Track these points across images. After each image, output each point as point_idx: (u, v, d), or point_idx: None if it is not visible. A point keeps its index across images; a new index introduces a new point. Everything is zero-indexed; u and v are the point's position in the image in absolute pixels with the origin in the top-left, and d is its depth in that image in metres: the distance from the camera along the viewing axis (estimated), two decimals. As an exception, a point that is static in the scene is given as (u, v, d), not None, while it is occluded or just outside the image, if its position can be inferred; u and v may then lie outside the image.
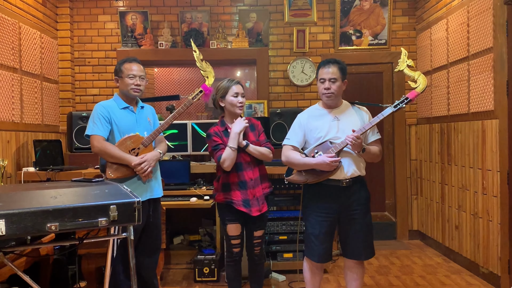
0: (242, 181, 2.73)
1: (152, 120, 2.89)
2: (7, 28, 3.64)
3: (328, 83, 2.61)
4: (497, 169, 3.37)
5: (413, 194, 4.95)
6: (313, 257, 2.69)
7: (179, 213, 4.38)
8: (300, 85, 4.85)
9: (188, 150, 4.27)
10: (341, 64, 2.67)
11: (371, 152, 2.63)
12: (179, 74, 5.78)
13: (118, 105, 2.76)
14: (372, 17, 4.86)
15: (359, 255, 2.67)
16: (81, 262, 3.09)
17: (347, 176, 2.60)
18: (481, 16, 3.55)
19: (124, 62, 2.78)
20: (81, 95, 4.82)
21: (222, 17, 4.87)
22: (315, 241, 2.66)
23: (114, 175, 2.64)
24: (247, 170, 2.75)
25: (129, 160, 2.63)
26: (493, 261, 3.45)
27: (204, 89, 2.85)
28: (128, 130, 2.71)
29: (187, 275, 3.88)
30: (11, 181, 3.66)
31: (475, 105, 3.66)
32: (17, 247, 1.82)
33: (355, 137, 2.49)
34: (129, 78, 2.72)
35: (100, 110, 2.69)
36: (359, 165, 2.64)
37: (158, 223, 2.90)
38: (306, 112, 2.79)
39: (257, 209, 2.73)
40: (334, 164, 2.54)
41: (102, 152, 2.63)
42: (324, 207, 2.64)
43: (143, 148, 2.71)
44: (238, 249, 2.84)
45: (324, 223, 2.65)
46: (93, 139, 2.65)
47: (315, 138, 2.65)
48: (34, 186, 2.37)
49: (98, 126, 2.66)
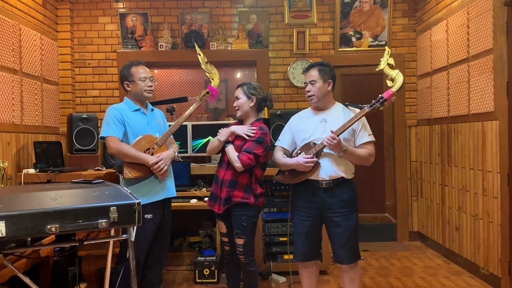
0: (216, 176, 2.87)
1: (162, 123, 2.95)
2: (7, 29, 3.64)
3: (309, 86, 2.69)
4: (497, 171, 3.37)
5: (413, 195, 4.95)
6: (296, 256, 2.76)
7: (179, 214, 4.36)
8: (300, 86, 4.85)
9: (188, 151, 4.27)
10: (323, 66, 2.71)
11: (355, 154, 2.60)
12: (180, 76, 5.78)
13: (130, 108, 2.80)
14: (372, 19, 4.86)
15: (341, 259, 2.66)
16: (81, 263, 3.09)
17: (326, 178, 2.60)
18: (481, 17, 3.55)
19: (131, 66, 2.81)
20: (81, 97, 4.82)
21: (222, 18, 4.87)
22: (298, 240, 2.73)
23: (131, 174, 2.67)
24: (222, 168, 2.83)
25: (146, 159, 2.67)
26: (493, 262, 3.45)
27: (211, 91, 2.92)
28: (141, 132, 2.76)
29: (187, 276, 3.88)
30: (11, 183, 3.66)
31: (475, 106, 3.66)
32: (17, 248, 1.82)
33: (331, 137, 2.49)
34: (141, 81, 2.78)
35: (113, 113, 2.72)
36: (341, 167, 2.62)
37: (170, 223, 2.95)
38: (297, 114, 2.86)
39: (217, 207, 2.81)
40: (308, 165, 2.56)
41: (119, 152, 2.66)
42: (306, 207, 2.68)
43: (157, 148, 2.76)
44: (228, 248, 2.91)
45: (305, 223, 2.68)
46: (109, 141, 2.68)
47: (301, 139, 2.70)
48: (34, 187, 2.37)
49: (112, 128, 2.68)
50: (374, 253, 4.47)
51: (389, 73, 2.62)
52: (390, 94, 2.53)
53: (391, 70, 2.63)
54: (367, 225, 4.90)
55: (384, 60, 2.66)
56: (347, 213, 2.62)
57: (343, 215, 2.61)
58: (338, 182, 2.62)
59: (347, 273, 2.71)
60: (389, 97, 2.53)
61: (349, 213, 2.63)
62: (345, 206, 2.62)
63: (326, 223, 2.70)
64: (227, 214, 2.81)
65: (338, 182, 2.62)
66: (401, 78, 2.58)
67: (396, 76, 2.59)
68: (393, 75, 2.60)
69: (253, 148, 2.71)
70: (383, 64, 2.66)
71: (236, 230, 2.78)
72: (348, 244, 2.63)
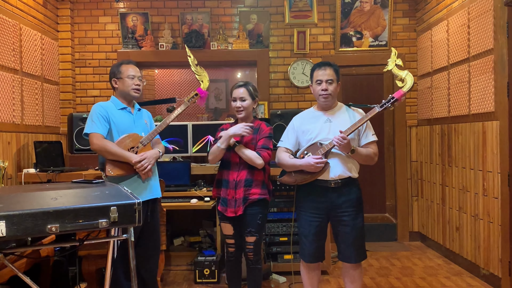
0: (225, 179, 2.81)
1: (148, 123, 2.91)
2: (8, 29, 3.65)
3: (326, 84, 2.65)
4: (498, 171, 3.37)
5: (414, 195, 4.95)
6: (304, 257, 2.75)
7: (180, 214, 4.38)
8: (301, 86, 4.85)
9: (188, 151, 4.27)
10: (336, 66, 2.72)
11: (361, 154, 2.62)
12: (180, 76, 5.78)
13: (116, 106, 2.78)
14: (373, 19, 4.86)
15: (349, 258, 2.67)
16: (81, 263, 3.09)
17: (335, 177, 2.61)
18: (482, 17, 3.55)
19: (120, 64, 2.80)
20: (81, 97, 4.82)
21: (222, 18, 4.87)
22: (305, 241, 2.71)
23: (113, 172, 2.64)
24: (233, 170, 2.79)
25: (129, 158, 2.63)
26: (493, 262, 3.45)
27: (200, 93, 2.90)
28: (125, 130, 2.72)
29: (188, 276, 3.88)
30: (11, 183, 3.66)
31: (476, 106, 3.66)
32: (18, 248, 1.82)
33: (341, 137, 2.50)
34: (129, 79, 2.75)
35: (98, 110, 2.71)
36: (349, 166, 2.63)
37: (157, 224, 2.90)
38: (300, 114, 2.85)
39: (232, 211, 2.76)
40: (319, 166, 2.56)
41: (102, 149, 2.63)
42: (314, 207, 2.67)
43: (142, 147, 2.72)
44: (233, 249, 2.89)
45: (313, 223, 2.67)
46: (92, 137, 2.65)
47: (307, 140, 2.69)
48: (35, 187, 2.37)
49: (97, 125, 2.66)
50: (374, 253, 4.47)
51: (399, 74, 2.64)
52: (402, 94, 2.57)
53: (400, 70, 2.65)
54: (368, 225, 4.86)
55: (392, 61, 2.68)
56: (355, 212, 2.64)
57: (351, 214, 2.63)
58: (346, 182, 2.63)
59: (350, 273, 2.71)
60: (400, 97, 2.57)
61: (356, 212, 2.64)
62: (353, 205, 2.63)
63: (333, 223, 2.69)
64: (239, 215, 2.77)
65: (346, 181, 2.63)
66: (411, 78, 2.60)
67: (406, 76, 2.61)
68: (402, 76, 2.62)
69: (268, 144, 2.76)
70: (391, 65, 2.68)
71: (249, 229, 2.77)
72: (356, 243, 2.64)
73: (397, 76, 2.65)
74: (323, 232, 2.74)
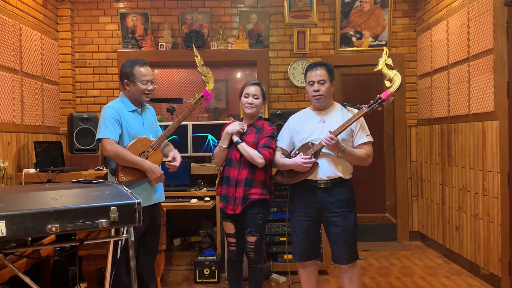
0: (227, 176, 2.83)
1: (154, 122, 2.90)
2: (7, 29, 3.65)
3: (317, 85, 2.65)
4: (498, 170, 3.37)
5: (414, 195, 4.95)
6: (295, 256, 2.76)
7: (180, 214, 4.38)
8: (301, 86, 4.85)
9: (188, 151, 4.27)
10: (329, 66, 2.71)
11: (353, 155, 2.60)
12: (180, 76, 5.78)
13: (127, 108, 2.70)
14: (373, 19, 4.86)
15: (340, 259, 2.67)
16: (81, 263, 3.09)
17: (324, 178, 2.60)
18: (481, 17, 3.55)
19: (134, 65, 2.69)
20: (81, 97, 4.82)
21: (222, 18, 4.87)
22: (296, 240, 2.73)
23: (126, 178, 2.60)
24: (234, 168, 2.80)
25: (143, 165, 2.60)
26: (493, 262, 3.45)
27: (206, 94, 2.88)
28: (136, 134, 2.68)
29: (188, 276, 3.88)
30: (11, 183, 3.66)
31: (476, 106, 3.66)
32: (18, 248, 1.81)
33: (329, 138, 2.49)
34: (142, 84, 2.67)
35: (111, 113, 2.62)
36: (339, 167, 2.62)
37: (158, 224, 2.91)
38: (296, 114, 2.85)
39: (231, 208, 2.78)
40: (306, 166, 2.56)
41: (117, 156, 2.57)
42: (304, 207, 2.68)
43: (152, 151, 2.69)
44: (234, 248, 2.90)
45: (303, 223, 2.68)
46: (105, 143, 2.57)
47: (300, 140, 2.70)
48: (35, 187, 2.37)
49: (110, 129, 2.58)
50: (374, 253, 4.47)
51: (387, 74, 2.61)
52: (388, 94, 2.53)
53: (389, 70, 2.62)
54: (367, 225, 4.90)
55: (383, 61, 2.66)
56: (345, 213, 2.63)
57: (341, 215, 2.62)
58: (336, 182, 2.62)
59: (346, 273, 2.71)
60: (387, 97, 2.53)
61: (347, 213, 2.63)
62: (343, 206, 2.62)
63: (324, 223, 2.71)
64: (239, 214, 2.78)
65: (336, 182, 2.62)
66: (399, 78, 2.56)
67: (394, 76, 2.58)
68: (391, 76, 2.59)
69: (270, 143, 2.76)
70: (381, 65, 2.66)
71: (250, 229, 2.78)
72: (346, 244, 2.63)
73: (386, 76, 2.62)
74: (315, 231, 2.74)
